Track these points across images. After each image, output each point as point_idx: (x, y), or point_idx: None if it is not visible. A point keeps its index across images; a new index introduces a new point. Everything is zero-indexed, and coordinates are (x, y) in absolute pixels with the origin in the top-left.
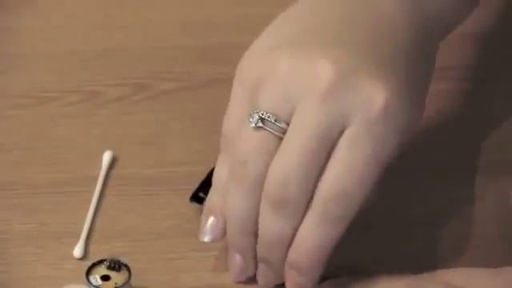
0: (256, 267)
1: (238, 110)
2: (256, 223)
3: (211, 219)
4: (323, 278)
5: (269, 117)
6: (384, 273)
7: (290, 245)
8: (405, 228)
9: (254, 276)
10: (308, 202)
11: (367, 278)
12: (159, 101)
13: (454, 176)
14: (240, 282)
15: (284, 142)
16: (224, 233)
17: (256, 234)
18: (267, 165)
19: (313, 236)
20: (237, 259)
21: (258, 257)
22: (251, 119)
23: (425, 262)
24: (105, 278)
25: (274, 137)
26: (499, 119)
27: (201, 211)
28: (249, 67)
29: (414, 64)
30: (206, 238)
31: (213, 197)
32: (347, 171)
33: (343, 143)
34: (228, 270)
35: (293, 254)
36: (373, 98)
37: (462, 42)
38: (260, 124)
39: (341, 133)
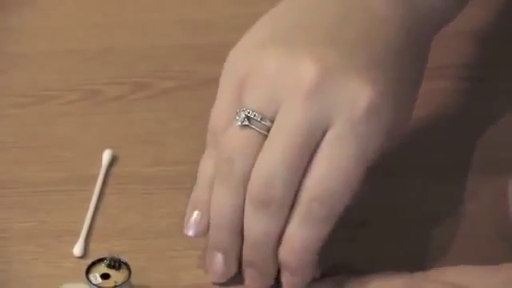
0: (238, 268)
1: (225, 106)
2: (240, 222)
3: (195, 213)
4: (323, 276)
5: (255, 115)
6: (380, 271)
7: (277, 246)
8: (402, 227)
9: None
10: (292, 202)
11: (364, 276)
12: (159, 100)
13: (451, 175)
14: (218, 283)
15: (268, 140)
16: (208, 228)
17: (240, 235)
18: (253, 163)
19: (298, 236)
20: (218, 258)
21: (244, 260)
22: (238, 117)
23: (422, 261)
24: (105, 276)
25: (259, 135)
26: (496, 118)
27: None
28: (235, 64)
29: (405, 64)
30: (190, 232)
31: (197, 190)
32: (331, 171)
33: (327, 143)
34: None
35: (282, 254)
36: (356, 97)
37: (459, 40)
38: (246, 122)
39: (324, 132)
